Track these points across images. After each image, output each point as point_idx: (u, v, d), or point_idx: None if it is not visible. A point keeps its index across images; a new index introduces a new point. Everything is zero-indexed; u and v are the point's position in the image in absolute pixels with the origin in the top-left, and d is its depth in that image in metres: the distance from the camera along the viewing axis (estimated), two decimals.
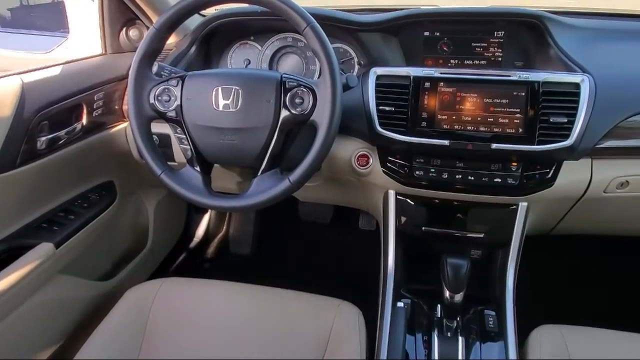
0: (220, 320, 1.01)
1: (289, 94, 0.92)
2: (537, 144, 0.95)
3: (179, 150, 1.11)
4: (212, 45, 1.28)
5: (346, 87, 0.95)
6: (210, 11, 1.26)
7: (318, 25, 0.88)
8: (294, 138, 0.99)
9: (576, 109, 0.94)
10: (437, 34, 1.17)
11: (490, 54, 1.16)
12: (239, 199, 0.93)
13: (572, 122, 0.94)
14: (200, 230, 1.90)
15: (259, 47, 1.28)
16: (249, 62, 1.28)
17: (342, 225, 1.84)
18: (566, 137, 0.94)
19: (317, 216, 1.84)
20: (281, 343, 0.96)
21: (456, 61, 1.18)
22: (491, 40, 1.15)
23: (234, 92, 0.92)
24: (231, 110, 0.93)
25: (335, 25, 1.16)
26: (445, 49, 1.17)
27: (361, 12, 1.23)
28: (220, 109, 0.93)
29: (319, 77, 0.98)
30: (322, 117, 0.88)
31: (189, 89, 0.95)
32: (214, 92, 0.93)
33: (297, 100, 0.91)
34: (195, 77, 0.97)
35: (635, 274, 1.67)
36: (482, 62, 1.16)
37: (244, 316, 1.01)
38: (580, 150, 0.96)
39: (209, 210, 1.91)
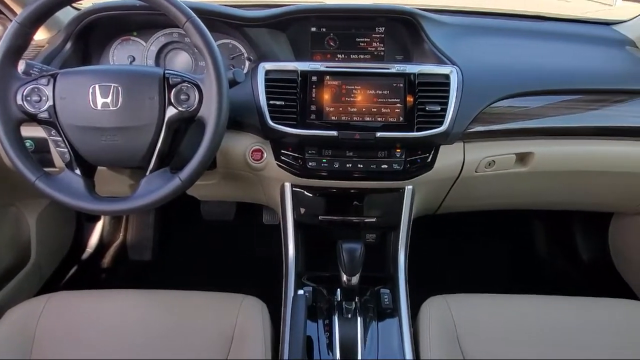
0: (117, 330, 0.96)
1: (173, 90, 0.90)
2: (416, 131, 1.03)
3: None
4: (90, 41, 1.20)
5: (233, 83, 0.95)
6: (87, 4, 1.18)
7: (198, 20, 0.87)
8: (182, 135, 0.97)
9: (447, 97, 1.03)
10: (324, 29, 1.21)
11: (373, 49, 1.22)
12: (126, 201, 0.89)
13: (444, 110, 1.03)
14: (94, 239, 1.78)
15: (143, 43, 1.22)
16: (134, 59, 1.22)
17: (246, 222, 1.83)
18: (440, 123, 1.03)
19: (220, 214, 1.82)
20: (183, 345, 0.94)
21: (342, 55, 1.23)
22: (373, 35, 1.22)
23: (113, 89, 0.88)
24: (111, 109, 0.88)
25: (221, 21, 1.15)
26: (331, 44, 1.22)
27: (248, 8, 1.24)
28: (99, 108, 0.88)
29: None
30: (209, 112, 0.87)
31: (62, 88, 0.89)
32: (90, 91, 0.88)
33: (183, 97, 0.90)
34: (68, 75, 0.91)
35: (507, 242, 1.88)
36: (367, 56, 1.23)
37: (142, 322, 0.98)
38: (453, 135, 1.05)
39: (102, 217, 1.79)
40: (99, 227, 1.81)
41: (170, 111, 0.90)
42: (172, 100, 0.90)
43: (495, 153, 1.14)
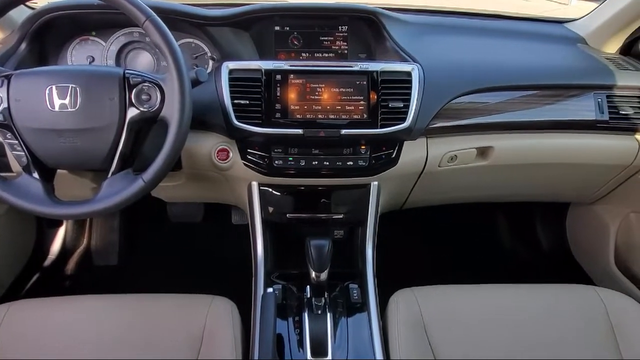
0: (83, 337, 0.94)
1: (134, 91, 0.89)
2: (380, 127, 1.05)
3: None
4: (47, 41, 1.16)
5: (196, 82, 0.94)
6: (42, 3, 1.14)
7: (158, 19, 0.86)
8: (145, 136, 0.96)
9: (410, 94, 1.06)
10: (287, 28, 1.22)
11: (337, 47, 1.24)
12: (88, 204, 0.87)
13: (407, 107, 1.05)
14: (56, 246, 1.72)
15: (103, 43, 1.20)
16: (93, 59, 1.19)
17: (215, 223, 1.81)
18: (404, 119, 1.05)
19: (188, 216, 1.79)
20: (151, 348, 0.93)
21: (307, 54, 1.23)
22: (337, 34, 1.23)
23: (71, 90, 0.86)
24: (70, 110, 0.86)
25: (183, 20, 1.14)
26: (295, 42, 1.22)
27: (211, 7, 1.23)
28: (57, 109, 0.86)
29: None
30: (172, 112, 0.87)
31: (17, 89, 0.87)
32: (47, 92, 0.86)
33: (144, 97, 0.89)
34: (23, 76, 0.88)
35: (473, 235, 1.94)
36: (331, 54, 1.24)
37: (108, 328, 0.96)
38: (416, 131, 1.08)
39: (64, 223, 1.74)
40: (61, 232, 1.75)
41: (132, 112, 0.89)
42: (133, 101, 0.89)
43: (457, 148, 1.17)
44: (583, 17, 1.41)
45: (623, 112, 1.19)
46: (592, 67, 1.24)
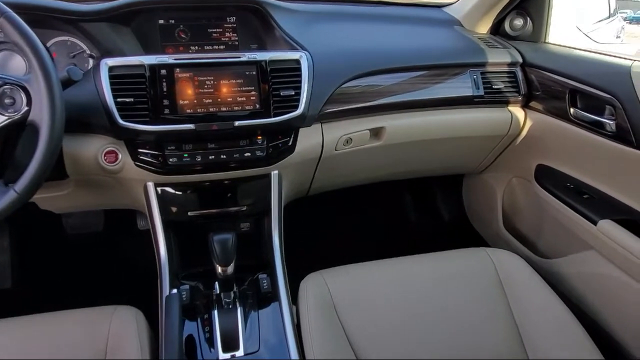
0: None
1: None
2: (274, 116, 1.05)
3: None
4: None
5: (69, 82, 0.88)
6: None
7: (14, 15, 0.79)
8: (15, 143, 0.88)
9: (300, 82, 1.07)
10: (172, 21, 1.17)
11: (227, 39, 1.22)
12: None
13: (298, 94, 1.07)
14: None
15: None
16: None
17: (118, 230, 1.72)
18: (296, 107, 1.06)
19: (87, 226, 1.68)
20: None
21: (196, 47, 1.20)
22: (225, 25, 1.21)
23: None
24: None
25: (53, 17, 1.06)
26: (183, 36, 1.19)
27: (86, 2, 1.15)
28: None
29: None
30: (41, 115, 0.80)
31: None
32: None
33: (7, 101, 0.81)
34: None
35: (378, 213, 2.03)
36: (221, 46, 1.21)
37: (4, 355, 0.88)
38: (309, 117, 1.10)
39: None
40: None
41: None
42: None
43: (351, 130, 1.21)
44: (458, 1, 1.51)
45: (495, 87, 1.30)
46: (467, 47, 1.34)
